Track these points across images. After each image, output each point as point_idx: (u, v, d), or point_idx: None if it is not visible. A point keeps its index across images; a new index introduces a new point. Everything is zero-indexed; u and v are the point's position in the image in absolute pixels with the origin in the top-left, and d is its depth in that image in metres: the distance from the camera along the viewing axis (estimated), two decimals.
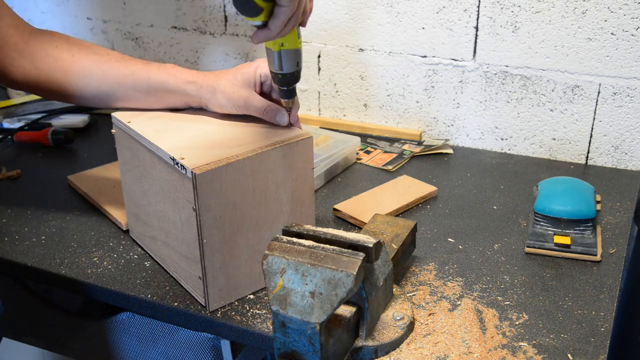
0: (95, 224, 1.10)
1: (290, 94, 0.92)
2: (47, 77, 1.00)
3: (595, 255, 0.97)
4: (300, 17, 0.85)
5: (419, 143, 1.39)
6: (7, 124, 1.44)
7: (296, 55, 0.89)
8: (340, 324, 0.75)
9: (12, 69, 0.99)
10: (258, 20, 0.82)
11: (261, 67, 0.95)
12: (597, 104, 1.25)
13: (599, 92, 1.24)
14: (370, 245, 0.74)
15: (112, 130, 1.01)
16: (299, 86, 1.50)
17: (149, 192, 0.94)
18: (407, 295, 0.90)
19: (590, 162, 1.29)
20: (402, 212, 1.12)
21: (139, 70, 0.98)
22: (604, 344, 0.81)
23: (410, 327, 0.83)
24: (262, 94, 0.97)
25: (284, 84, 0.91)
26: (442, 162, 1.32)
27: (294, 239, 0.75)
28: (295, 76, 0.91)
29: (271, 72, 0.91)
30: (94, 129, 1.48)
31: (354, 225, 1.09)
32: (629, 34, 1.18)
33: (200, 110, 1.01)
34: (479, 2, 1.27)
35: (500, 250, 1.01)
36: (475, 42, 1.30)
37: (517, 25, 1.25)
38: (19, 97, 1.60)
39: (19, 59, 0.99)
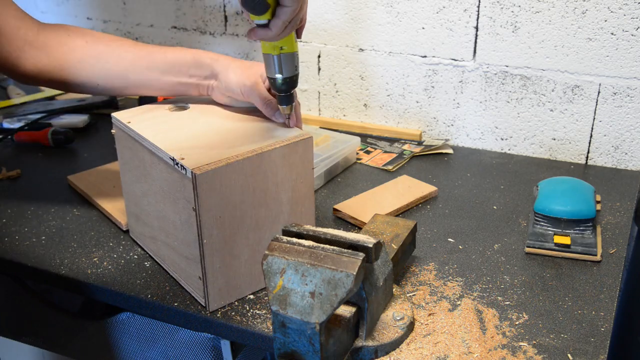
0: (95, 224, 1.10)
1: (289, 99, 0.93)
2: (60, 65, 1.00)
3: (595, 255, 0.97)
4: (298, 22, 0.86)
5: (419, 143, 1.39)
6: (7, 124, 1.44)
7: (294, 58, 0.90)
8: (340, 324, 0.75)
9: (23, 60, 0.99)
10: (264, 19, 0.83)
11: None
12: (597, 104, 1.25)
13: (599, 92, 1.24)
14: (370, 246, 0.74)
15: (112, 131, 1.01)
16: (299, 86, 1.50)
17: (149, 192, 0.94)
18: (407, 295, 0.90)
19: (590, 162, 1.29)
20: (402, 212, 1.12)
21: (155, 52, 1.00)
22: (604, 344, 0.81)
23: (410, 327, 0.83)
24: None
25: (282, 90, 0.91)
26: (442, 162, 1.32)
27: (294, 239, 0.75)
28: (294, 80, 0.92)
29: (270, 78, 0.92)
30: (94, 129, 1.48)
31: (354, 225, 1.09)
32: (629, 34, 1.18)
33: (201, 110, 1.01)
34: (479, 2, 1.27)
35: (500, 250, 1.01)
36: (475, 42, 1.30)
37: (517, 25, 1.25)
38: (19, 97, 1.60)
39: (30, 50, 0.99)
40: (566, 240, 0.99)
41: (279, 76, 0.90)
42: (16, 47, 0.98)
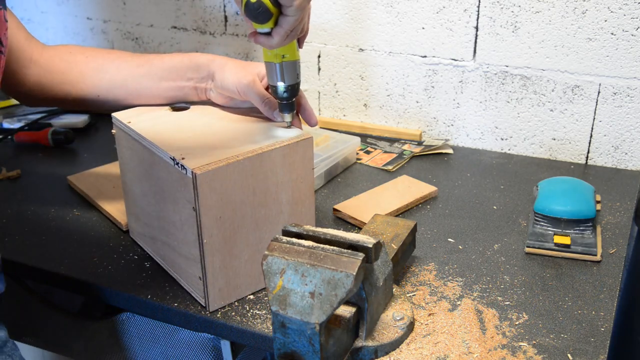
0: (95, 224, 1.10)
1: (291, 107, 0.93)
2: (62, 79, 1.03)
3: (595, 255, 0.97)
4: (300, 32, 0.87)
5: (419, 143, 1.39)
6: (7, 124, 1.44)
7: (296, 67, 0.91)
8: (340, 324, 0.75)
9: (27, 77, 1.03)
10: (267, 27, 0.83)
11: None
12: (597, 104, 1.25)
13: (599, 92, 1.24)
14: (370, 246, 0.74)
15: (113, 131, 1.01)
16: None
17: (149, 192, 0.94)
18: (407, 295, 0.90)
19: (590, 162, 1.29)
20: (402, 212, 1.12)
21: (152, 59, 1.02)
22: (604, 344, 0.81)
23: (410, 327, 0.83)
24: None
25: (284, 97, 0.92)
26: (442, 162, 1.32)
27: (294, 240, 0.75)
28: (295, 88, 0.92)
29: (271, 86, 0.92)
30: (94, 129, 1.48)
31: (354, 225, 1.09)
32: (629, 34, 1.18)
33: (201, 110, 1.01)
34: (479, 2, 1.27)
35: (500, 250, 1.01)
36: (475, 42, 1.30)
37: (517, 25, 1.25)
38: None
39: (34, 67, 1.03)
40: (566, 240, 0.99)
41: (280, 84, 0.91)
42: (22, 64, 1.02)
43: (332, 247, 0.74)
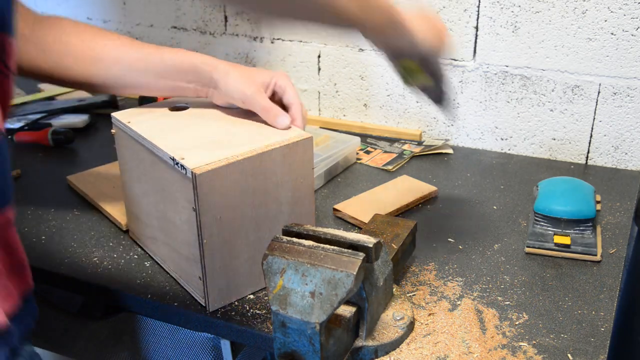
0: (95, 224, 1.10)
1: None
2: (56, 62, 0.99)
3: (595, 255, 0.97)
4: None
5: (419, 143, 1.39)
6: (7, 124, 1.44)
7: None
8: (340, 324, 0.75)
9: (19, 55, 0.97)
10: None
11: (278, 77, 0.97)
12: (597, 104, 1.25)
13: (599, 92, 1.24)
14: (370, 246, 0.74)
15: (112, 131, 1.01)
16: (299, 86, 1.50)
17: (149, 192, 0.94)
18: (407, 295, 0.90)
19: (590, 162, 1.29)
20: (402, 212, 1.12)
21: (152, 54, 0.98)
22: (604, 344, 0.81)
23: (410, 327, 0.83)
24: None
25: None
26: (442, 162, 1.32)
27: (294, 239, 0.75)
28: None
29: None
30: (93, 129, 1.48)
31: (354, 225, 1.09)
32: (629, 34, 1.18)
33: (201, 110, 1.01)
34: (479, 2, 1.27)
35: (500, 250, 1.01)
36: (475, 42, 1.30)
37: (517, 25, 1.25)
38: (19, 97, 1.60)
39: (25, 45, 0.98)
40: (566, 240, 0.99)
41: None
42: None
43: (332, 246, 0.74)
